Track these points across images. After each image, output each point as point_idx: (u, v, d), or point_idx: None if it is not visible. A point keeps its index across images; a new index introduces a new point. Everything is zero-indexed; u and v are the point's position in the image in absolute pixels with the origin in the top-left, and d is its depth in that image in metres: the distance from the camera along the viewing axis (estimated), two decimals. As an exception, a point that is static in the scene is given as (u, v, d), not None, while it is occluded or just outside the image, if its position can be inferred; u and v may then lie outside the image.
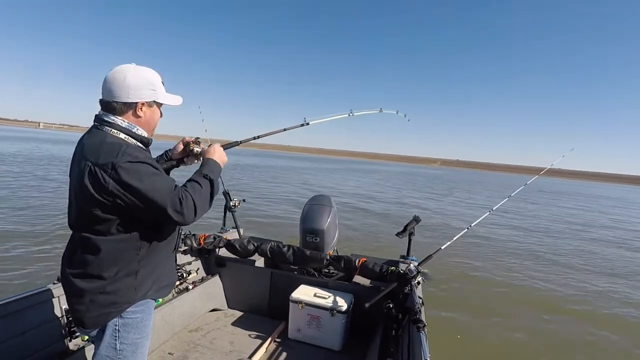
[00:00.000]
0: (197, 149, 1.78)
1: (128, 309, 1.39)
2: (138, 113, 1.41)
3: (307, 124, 2.52)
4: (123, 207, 1.28)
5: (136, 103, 1.39)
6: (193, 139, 1.84)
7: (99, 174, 1.25)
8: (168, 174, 1.82)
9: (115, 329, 1.39)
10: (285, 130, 2.48)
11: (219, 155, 1.60)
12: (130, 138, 1.40)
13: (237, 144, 2.19)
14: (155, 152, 1.90)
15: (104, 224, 1.31)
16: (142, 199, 1.27)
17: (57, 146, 38.24)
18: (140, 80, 1.38)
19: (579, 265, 9.11)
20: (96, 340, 1.43)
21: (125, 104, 1.38)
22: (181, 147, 1.82)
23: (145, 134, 1.46)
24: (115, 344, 1.40)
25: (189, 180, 1.44)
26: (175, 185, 1.35)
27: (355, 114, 2.83)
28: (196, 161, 1.83)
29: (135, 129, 1.42)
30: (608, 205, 30.36)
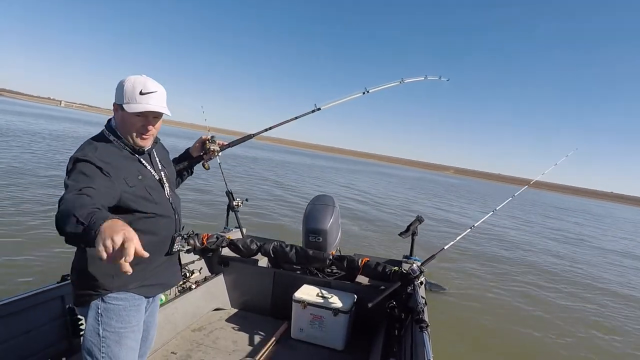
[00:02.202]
0: (212, 147, 1.99)
1: (109, 294, 1.45)
2: (115, 113, 1.53)
3: (319, 109, 2.43)
4: None
5: (114, 104, 1.52)
6: (209, 137, 2.03)
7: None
8: (191, 169, 2.03)
9: (98, 312, 1.45)
10: (296, 118, 2.41)
11: (110, 229, 0.98)
12: (112, 135, 1.52)
13: (250, 137, 2.27)
14: (173, 140, 1.94)
15: None
16: None
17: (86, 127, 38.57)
18: (119, 86, 1.49)
19: (582, 264, 9.06)
20: (85, 325, 1.49)
21: (114, 103, 1.53)
22: (199, 145, 2.03)
23: (123, 134, 1.52)
24: (99, 329, 1.45)
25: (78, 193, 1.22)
26: (80, 191, 1.21)
27: (370, 91, 2.59)
28: (212, 158, 2.03)
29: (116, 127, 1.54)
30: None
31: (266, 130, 2.36)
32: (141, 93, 1.45)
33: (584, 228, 20.70)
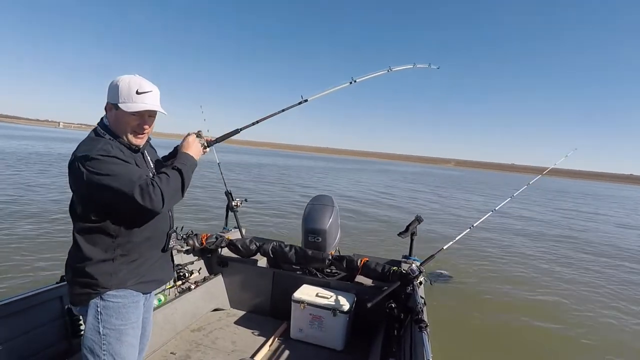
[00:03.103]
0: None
1: (108, 292, 1.48)
2: (108, 112, 1.55)
3: (305, 100, 2.37)
4: (95, 195, 1.41)
5: (107, 103, 1.54)
6: (196, 133, 1.95)
7: (75, 164, 1.40)
8: None
9: (98, 311, 1.47)
10: (283, 111, 2.35)
11: (194, 149, 1.69)
12: (107, 135, 1.52)
13: (237, 132, 2.18)
14: (162, 150, 1.95)
15: (81, 210, 1.47)
16: (111, 187, 1.37)
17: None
18: (113, 85, 1.51)
19: (585, 263, 9.08)
20: (85, 324, 1.51)
21: (107, 103, 1.55)
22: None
23: (118, 133, 1.54)
24: (99, 327, 1.47)
25: (159, 172, 1.53)
26: (146, 176, 1.46)
27: (357, 80, 2.55)
28: (200, 154, 1.95)
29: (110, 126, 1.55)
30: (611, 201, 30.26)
31: (254, 123, 2.30)
32: (137, 92, 1.49)
33: (586, 207, 20.72)
